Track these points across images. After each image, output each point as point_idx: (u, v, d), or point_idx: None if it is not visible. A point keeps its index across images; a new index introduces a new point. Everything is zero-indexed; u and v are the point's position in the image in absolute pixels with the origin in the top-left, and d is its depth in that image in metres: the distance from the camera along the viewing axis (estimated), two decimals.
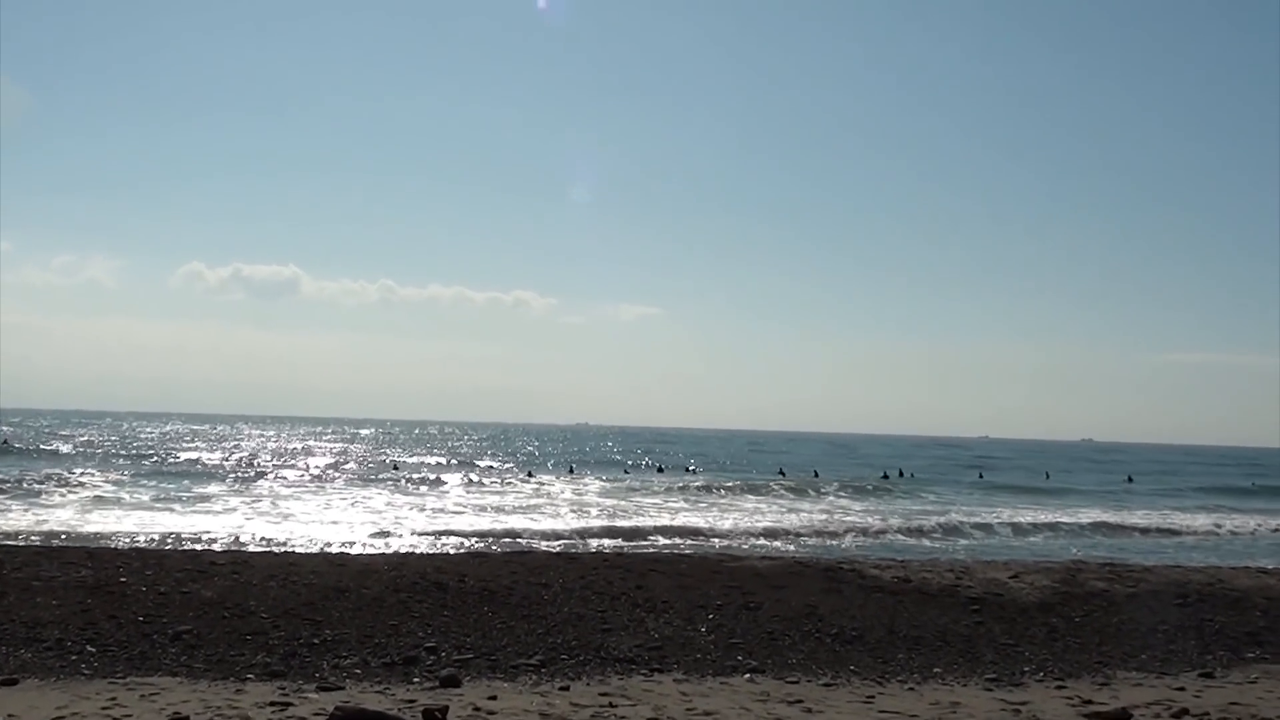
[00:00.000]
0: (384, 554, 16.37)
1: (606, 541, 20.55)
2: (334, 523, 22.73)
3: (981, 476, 55.64)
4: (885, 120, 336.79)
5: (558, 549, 18.17)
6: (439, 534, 20.99)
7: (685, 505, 30.71)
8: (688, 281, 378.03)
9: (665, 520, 24.82)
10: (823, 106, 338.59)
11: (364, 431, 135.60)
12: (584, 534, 20.94)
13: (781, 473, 54.93)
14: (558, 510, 27.47)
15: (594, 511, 27.15)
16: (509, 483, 38.78)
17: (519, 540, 20.31)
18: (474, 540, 20.09)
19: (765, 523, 24.98)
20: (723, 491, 36.08)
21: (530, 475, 41.91)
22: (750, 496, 34.64)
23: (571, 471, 51.42)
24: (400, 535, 20.58)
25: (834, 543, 22.17)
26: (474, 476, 40.82)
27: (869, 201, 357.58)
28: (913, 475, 51.79)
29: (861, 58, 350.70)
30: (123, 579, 11.15)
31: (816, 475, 47.65)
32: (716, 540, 21.62)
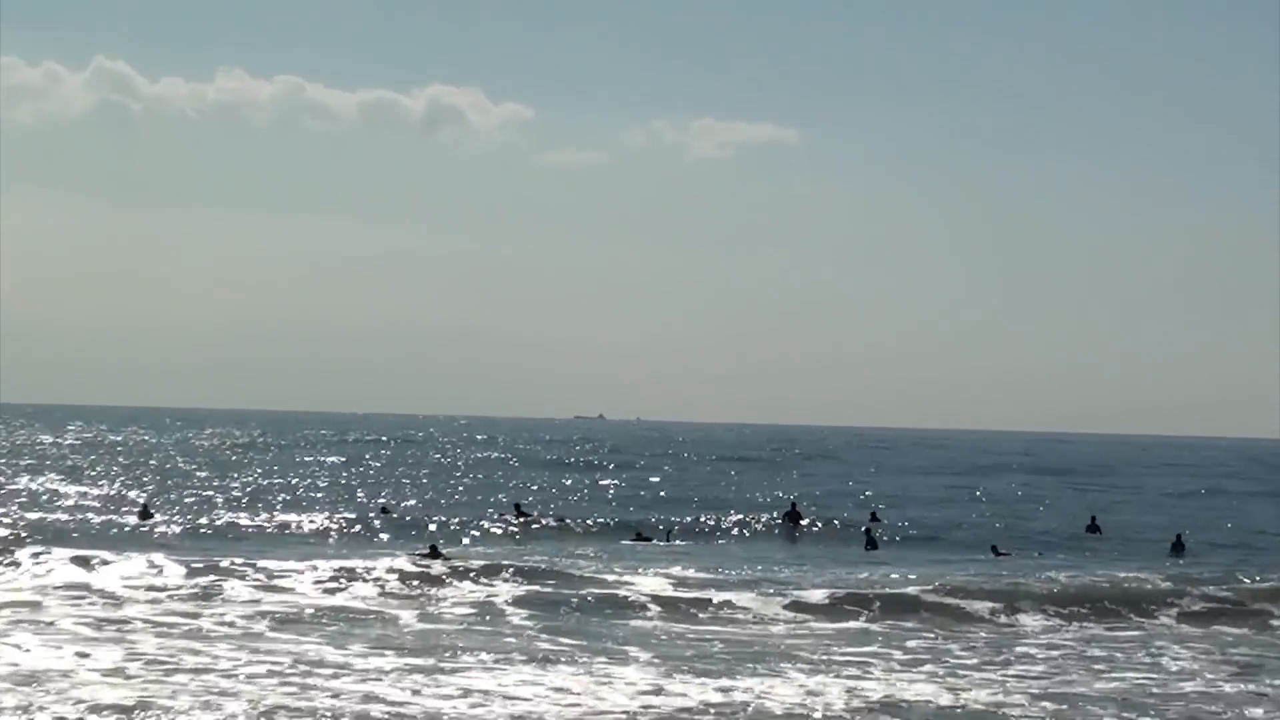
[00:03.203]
0: None
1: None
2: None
3: None
4: None
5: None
6: (266, 698, 19.49)
7: (833, 626, 27.34)
8: (852, 78, 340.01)
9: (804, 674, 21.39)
10: None
11: (106, 435, 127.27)
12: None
13: (1094, 525, 48.72)
14: (530, 646, 23.12)
15: (612, 646, 23.74)
16: (409, 564, 33.74)
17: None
18: (339, 707, 18.83)
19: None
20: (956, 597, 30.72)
21: (437, 555, 36.20)
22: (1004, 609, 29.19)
23: (522, 517, 47.61)
24: (177, 692, 19.13)
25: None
26: (343, 559, 35.14)
27: None
28: None
29: None
30: None
31: (1181, 543, 43.32)
32: None
